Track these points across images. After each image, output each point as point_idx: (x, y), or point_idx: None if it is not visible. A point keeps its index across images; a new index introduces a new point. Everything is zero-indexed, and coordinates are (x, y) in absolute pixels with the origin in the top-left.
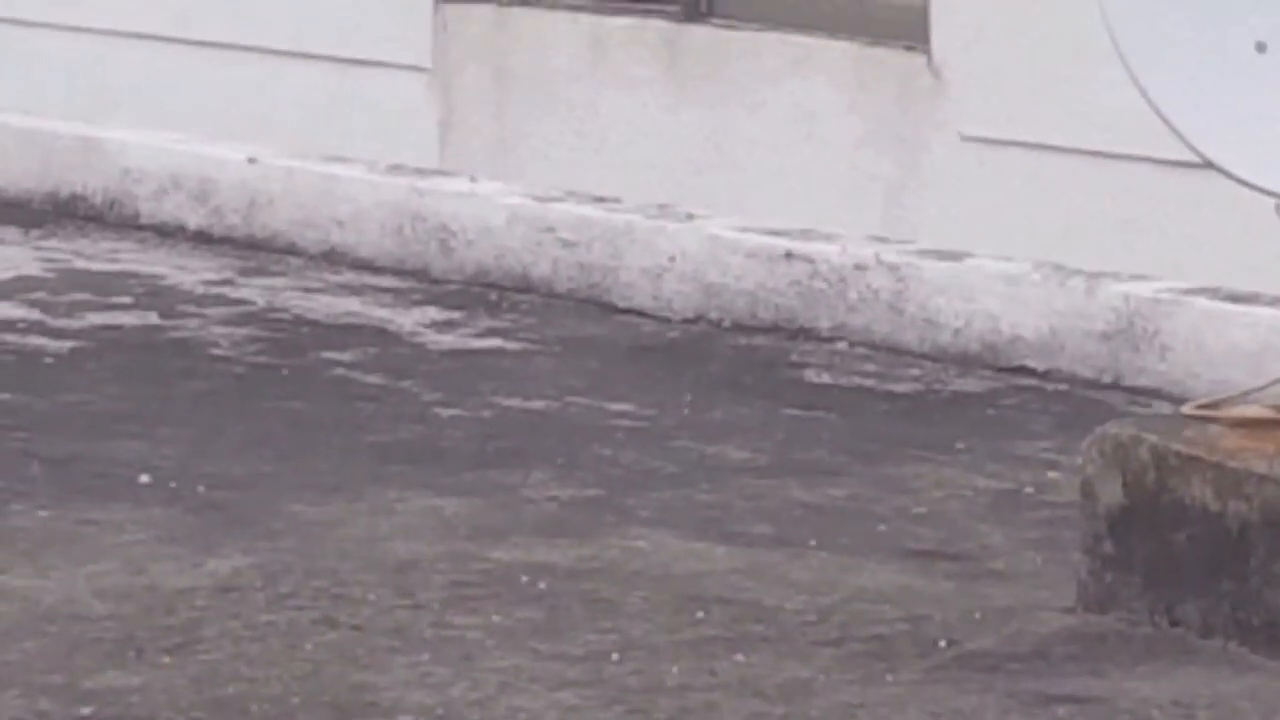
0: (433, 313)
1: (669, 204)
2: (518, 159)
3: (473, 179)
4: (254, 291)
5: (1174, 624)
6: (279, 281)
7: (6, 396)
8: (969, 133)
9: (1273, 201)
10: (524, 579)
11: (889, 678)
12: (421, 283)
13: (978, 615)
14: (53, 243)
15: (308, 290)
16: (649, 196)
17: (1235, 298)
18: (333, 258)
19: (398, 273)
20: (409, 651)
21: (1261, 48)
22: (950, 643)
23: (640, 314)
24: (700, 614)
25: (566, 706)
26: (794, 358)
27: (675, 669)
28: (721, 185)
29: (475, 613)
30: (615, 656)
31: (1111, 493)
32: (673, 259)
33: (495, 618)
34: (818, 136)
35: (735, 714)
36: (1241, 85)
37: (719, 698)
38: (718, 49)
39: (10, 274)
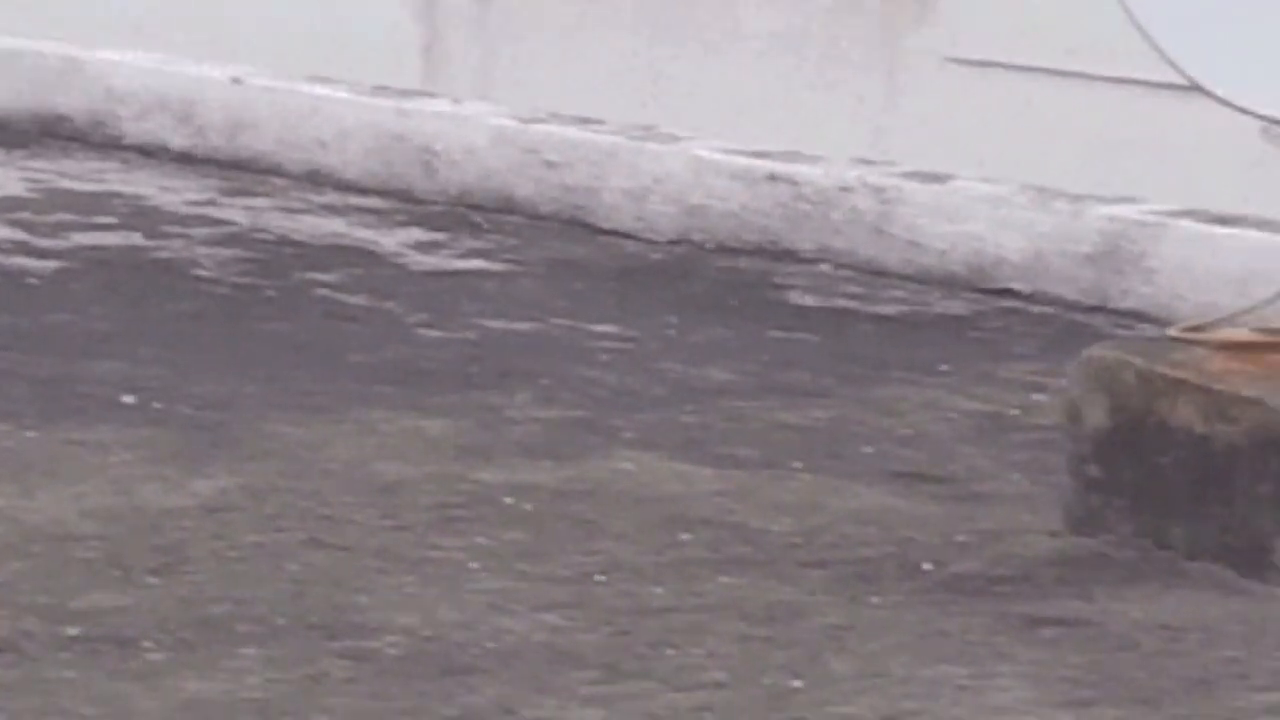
0: (416, 234)
1: (653, 125)
2: (501, 80)
3: (456, 100)
4: (238, 212)
5: (1160, 547)
6: (262, 202)
7: None
8: (954, 54)
9: (1258, 124)
10: (509, 500)
11: (874, 600)
12: (405, 204)
13: (963, 538)
14: (37, 163)
15: (291, 211)
16: (632, 118)
17: (1221, 220)
18: (316, 179)
19: (381, 194)
20: (395, 573)
21: None
22: (936, 565)
23: (624, 235)
24: (685, 536)
25: (551, 628)
26: (778, 280)
27: (660, 590)
28: (706, 106)
29: (460, 534)
30: (600, 578)
31: (1097, 415)
32: (656, 180)
33: (480, 539)
34: (803, 58)
35: (721, 636)
36: (1227, 7)
37: (704, 619)
38: None
39: None
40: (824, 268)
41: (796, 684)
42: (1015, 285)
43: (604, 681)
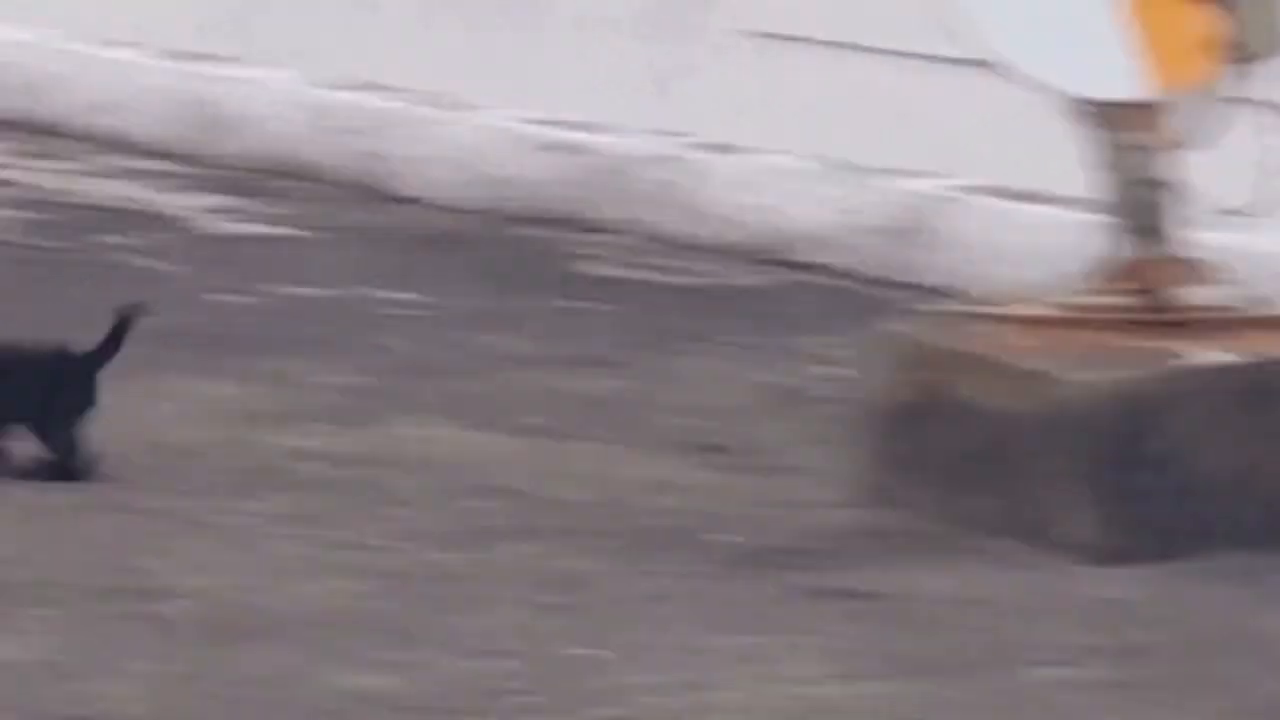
0: (209, 199)
1: (447, 93)
2: (297, 46)
3: (254, 65)
4: (31, 174)
5: (950, 521)
6: (57, 165)
7: None
8: (748, 27)
9: (1055, 100)
10: (303, 466)
11: (665, 570)
12: (201, 169)
13: (755, 510)
14: None
15: (87, 174)
16: (428, 86)
17: (1017, 196)
18: (112, 142)
19: (175, 158)
20: (187, 537)
21: None
22: (727, 537)
23: (418, 203)
24: (479, 504)
25: (345, 593)
26: (574, 250)
27: (454, 558)
28: (501, 75)
29: (254, 499)
30: (395, 544)
31: (892, 389)
32: (454, 149)
33: (274, 504)
34: (597, 28)
35: (512, 603)
36: None
37: (497, 587)
38: None
39: None
40: (621, 239)
41: (586, 652)
42: (813, 258)
43: (396, 647)
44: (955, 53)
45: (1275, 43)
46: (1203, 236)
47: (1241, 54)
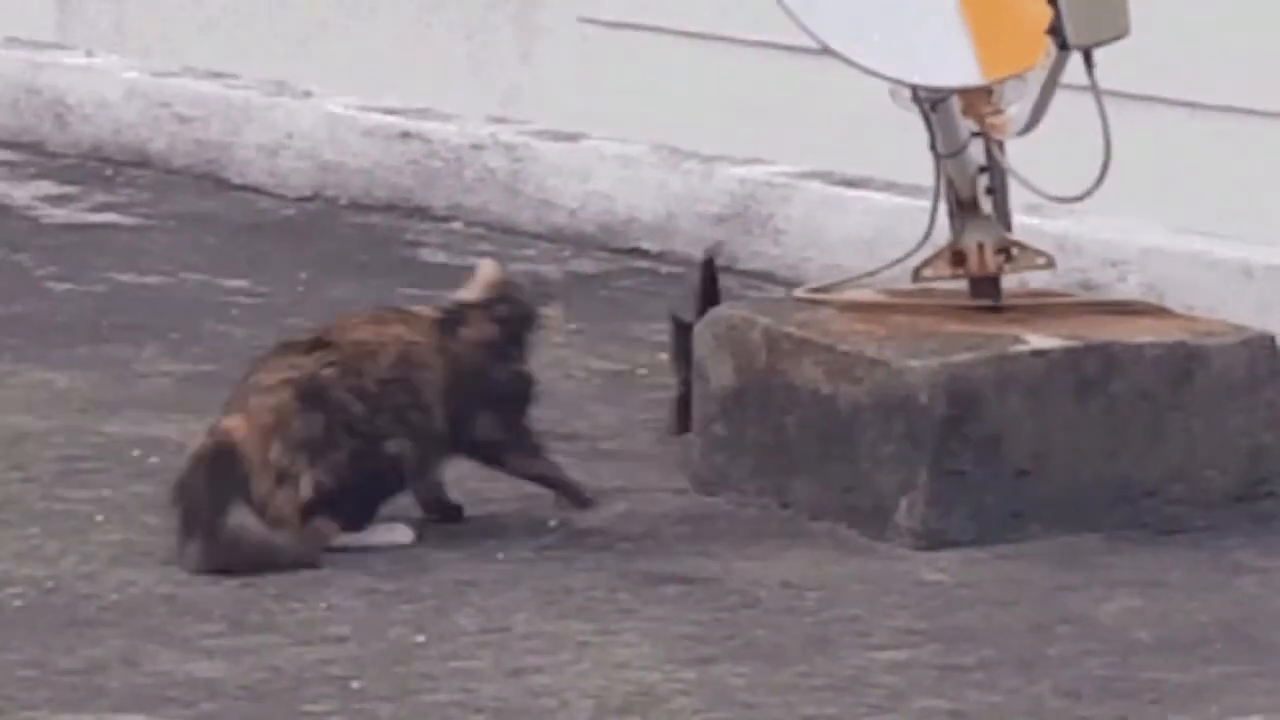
0: (47, 187)
1: (287, 81)
2: (135, 33)
3: (90, 53)
4: None
5: (784, 506)
6: None
7: None
8: (587, 14)
9: (886, 87)
10: (136, 453)
11: (500, 555)
12: (37, 156)
13: (588, 495)
14: None
15: None
16: (267, 73)
17: (849, 182)
18: None
19: (13, 146)
20: (19, 524)
21: None
22: (561, 522)
23: (257, 191)
24: None
25: (176, 580)
26: (410, 236)
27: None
28: (340, 63)
29: (87, 486)
30: None
31: (723, 374)
32: (290, 136)
33: (106, 491)
34: (437, 15)
35: (345, 590)
36: None
37: (329, 574)
38: None
39: None
40: (456, 225)
41: (420, 638)
42: (645, 245)
43: (227, 634)
44: (786, 39)
45: (1100, 30)
46: (1033, 223)
47: (1069, 41)
